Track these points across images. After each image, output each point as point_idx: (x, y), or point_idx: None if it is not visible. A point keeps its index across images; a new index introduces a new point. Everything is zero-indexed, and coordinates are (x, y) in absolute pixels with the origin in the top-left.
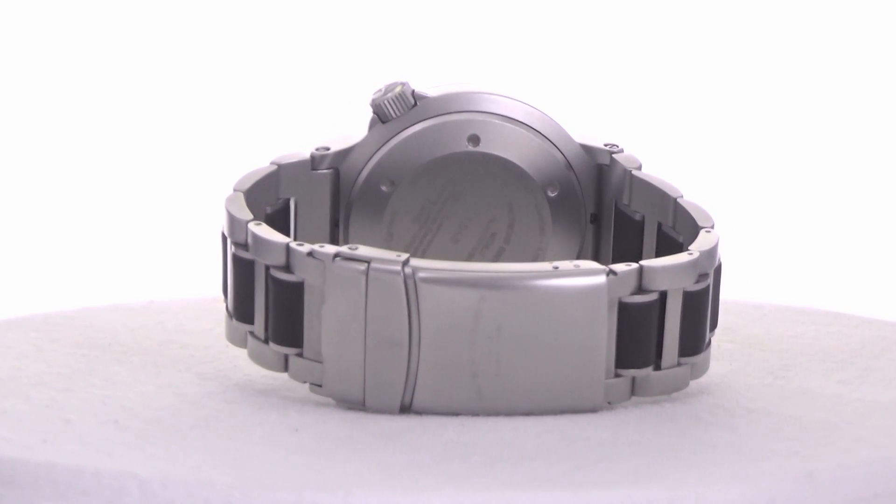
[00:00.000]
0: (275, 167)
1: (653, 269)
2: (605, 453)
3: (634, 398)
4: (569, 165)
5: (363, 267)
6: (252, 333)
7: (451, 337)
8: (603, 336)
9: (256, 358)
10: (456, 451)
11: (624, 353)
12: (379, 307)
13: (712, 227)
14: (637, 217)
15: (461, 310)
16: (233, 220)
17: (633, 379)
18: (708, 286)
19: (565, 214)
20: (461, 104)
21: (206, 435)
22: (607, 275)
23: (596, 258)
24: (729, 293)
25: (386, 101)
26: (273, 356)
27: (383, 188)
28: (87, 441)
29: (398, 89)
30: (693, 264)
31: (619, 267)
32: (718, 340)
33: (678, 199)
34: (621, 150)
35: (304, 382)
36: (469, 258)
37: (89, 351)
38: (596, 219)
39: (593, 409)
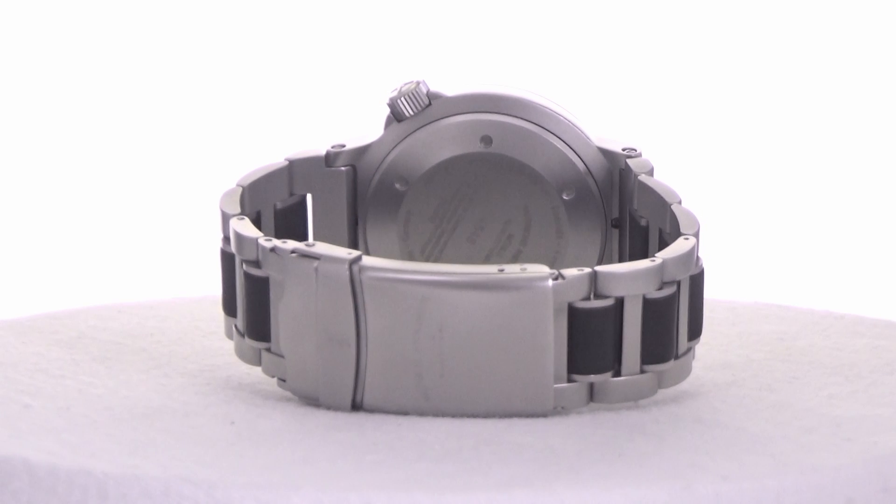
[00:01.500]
0: (285, 163)
1: (607, 275)
2: (507, 457)
3: (593, 404)
4: (586, 169)
5: (315, 264)
6: (236, 327)
7: (396, 336)
8: (549, 340)
9: (238, 352)
10: (359, 450)
11: (577, 359)
12: (328, 305)
13: (693, 234)
14: (643, 223)
15: (404, 310)
16: (222, 215)
17: (592, 385)
18: (674, 294)
19: (583, 218)
20: (475, 104)
21: (138, 425)
22: (554, 279)
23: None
24: (812, 303)
25: (401, 100)
26: (249, 350)
27: (398, 187)
28: (17, 426)
29: (412, 88)
30: (654, 271)
31: (570, 271)
32: (751, 350)
33: (672, 206)
34: (639, 154)
35: (273, 377)
36: (486, 259)
37: (124, 340)
38: (619, 223)
39: (543, 414)
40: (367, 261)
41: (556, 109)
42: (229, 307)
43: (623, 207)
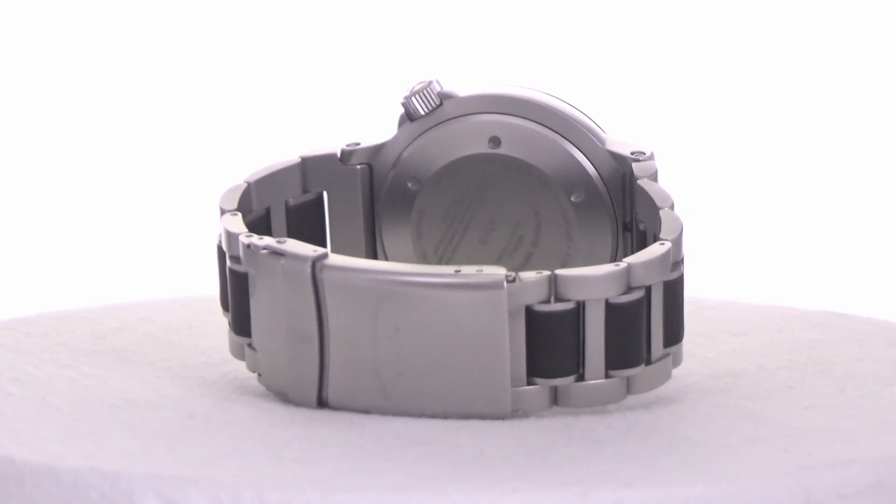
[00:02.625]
0: (298, 160)
1: (567, 278)
2: (430, 459)
3: (557, 408)
4: (595, 171)
5: (282, 261)
6: (229, 323)
7: (355, 334)
8: (505, 343)
9: (230, 347)
10: (287, 446)
11: (537, 362)
12: (293, 301)
13: (672, 239)
14: (641, 227)
15: (362, 308)
16: (220, 211)
17: (555, 389)
18: (642, 299)
19: (592, 221)
20: (484, 105)
21: (97, 416)
22: (510, 281)
23: None
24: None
25: (413, 99)
26: (236, 345)
27: (410, 186)
28: None
29: (425, 87)
30: (617, 275)
31: (528, 274)
32: (771, 358)
33: (661, 210)
34: (648, 158)
35: (254, 372)
36: (498, 260)
37: (161, 332)
38: (630, 227)
39: (501, 416)
40: (331, 259)
41: (566, 111)
42: (223, 303)
43: (631, 211)
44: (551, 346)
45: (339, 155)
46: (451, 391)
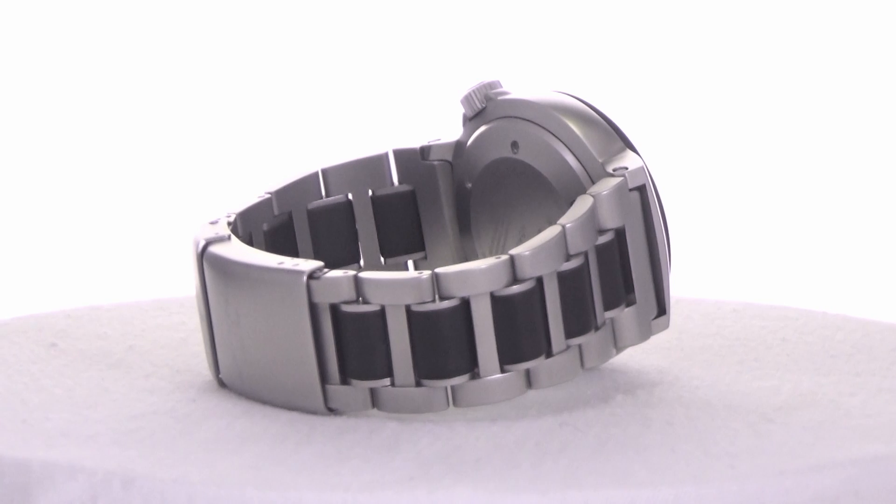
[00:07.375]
0: (384, 152)
1: (367, 281)
2: (199, 448)
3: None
4: (591, 184)
5: (192, 242)
6: None
7: (219, 317)
8: (307, 338)
9: None
10: (126, 431)
11: (348, 362)
12: (198, 283)
13: (514, 255)
14: None
15: (219, 293)
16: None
17: (372, 391)
18: (454, 309)
19: None
20: (512, 109)
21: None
22: (313, 278)
23: None
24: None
25: (465, 99)
26: None
27: (468, 186)
28: None
29: (476, 88)
30: (419, 283)
31: (334, 273)
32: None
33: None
34: (621, 175)
35: None
36: None
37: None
38: None
39: (316, 412)
40: (215, 244)
41: (585, 118)
42: None
43: None
44: (357, 347)
45: (419, 151)
46: (278, 383)
